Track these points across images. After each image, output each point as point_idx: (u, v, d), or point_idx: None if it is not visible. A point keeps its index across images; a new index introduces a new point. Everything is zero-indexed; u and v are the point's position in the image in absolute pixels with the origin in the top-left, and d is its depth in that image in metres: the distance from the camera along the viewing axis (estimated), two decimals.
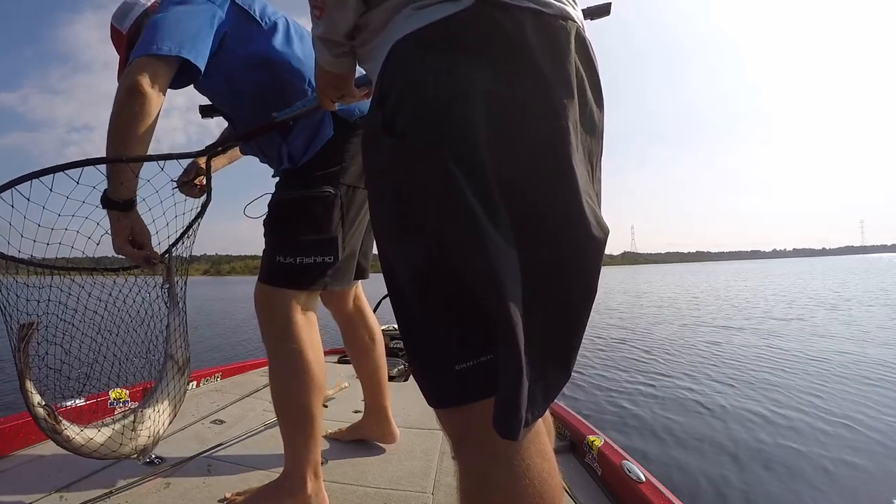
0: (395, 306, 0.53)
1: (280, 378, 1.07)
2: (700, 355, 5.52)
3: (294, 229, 1.06)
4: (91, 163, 0.91)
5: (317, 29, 0.62)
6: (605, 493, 1.20)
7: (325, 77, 0.77)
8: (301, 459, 1.05)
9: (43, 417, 0.89)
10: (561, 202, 0.48)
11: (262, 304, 1.08)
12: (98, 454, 0.95)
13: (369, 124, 0.55)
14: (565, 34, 0.51)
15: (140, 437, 1.01)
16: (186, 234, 1.08)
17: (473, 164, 0.45)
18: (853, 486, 2.29)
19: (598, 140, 0.56)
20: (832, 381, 4.19)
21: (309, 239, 1.06)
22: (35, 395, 0.90)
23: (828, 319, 8.57)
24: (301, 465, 1.05)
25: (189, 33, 0.95)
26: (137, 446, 1.00)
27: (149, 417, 1.04)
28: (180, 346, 1.13)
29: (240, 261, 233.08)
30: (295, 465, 1.05)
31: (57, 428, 0.90)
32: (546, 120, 0.48)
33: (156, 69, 0.91)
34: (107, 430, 0.98)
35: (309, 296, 1.10)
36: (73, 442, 0.92)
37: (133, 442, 0.99)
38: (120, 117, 0.90)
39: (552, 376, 0.48)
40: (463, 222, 0.45)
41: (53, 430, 0.90)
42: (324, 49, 0.65)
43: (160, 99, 0.93)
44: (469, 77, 0.47)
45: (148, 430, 1.02)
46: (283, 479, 1.07)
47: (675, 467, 2.50)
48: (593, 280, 0.50)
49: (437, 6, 0.49)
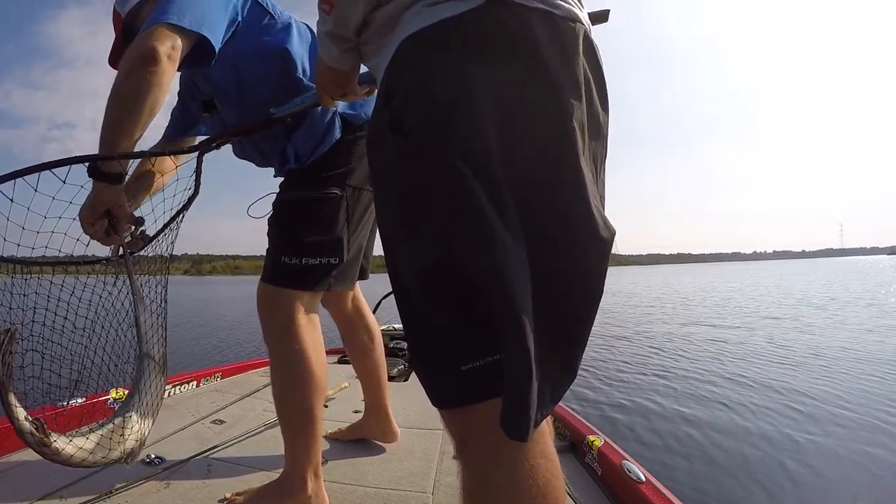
0: (400, 306, 0.53)
1: (282, 378, 1.07)
2: (698, 355, 5.52)
3: (299, 230, 1.05)
4: (79, 160, 0.85)
5: (325, 25, 0.62)
6: (605, 493, 1.20)
7: (329, 74, 0.76)
8: (302, 459, 1.04)
9: (29, 431, 0.84)
10: (569, 202, 0.48)
11: (265, 304, 1.07)
12: (88, 463, 0.91)
13: (375, 123, 0.54)
14: (573, 36, 0.51)
15: (128, 441, 0.98)
16: (169, 227, 1.03)
17: (482, 163, 0.45)
18: (854, 485, 2.29)
19: (603, 142, 0.56)
20: (832, 379, 4.19)
21: (314, 240, 1.05)
22: (20, 409, 0.85)
23: (821, 319, 8.62)
24: (302, 466, 1.04)
25: (209, 12, 0.92)
26: (125, 450, 0.97)
27: (134, 420, 1.01)
28: (156, 343, 1.09)
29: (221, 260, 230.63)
30: (295, 465, 1.05)
31: (45, 441, 0.85)
32: (554, 120, 0.48)
33: (174, 40, 0.85)
34: (94, 436, 0.95)
35: (312, 296, 1.10)
36: (63, 453, 0.87)
37: (121, 446, 0.96)
38: (127, 84, 0.83)
39: (559, 376, 0.48)
40: (472, 221, 0.44)
41: (41, 444, 0.85)
42: (331, 45, 0.65)
43: (173, 72, 0.87)
44: (478, 76, 0.47)
45: (135, 434, 1.00)
46: (284, 478, 1.07)
47: (675, 467, 2.50)
48: (600, 280, 0.50)
49: (447, 4, 0.49)
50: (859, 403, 3.49)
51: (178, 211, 1.02)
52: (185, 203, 1.02)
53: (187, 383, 2.05)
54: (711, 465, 2.51)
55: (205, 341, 7.91)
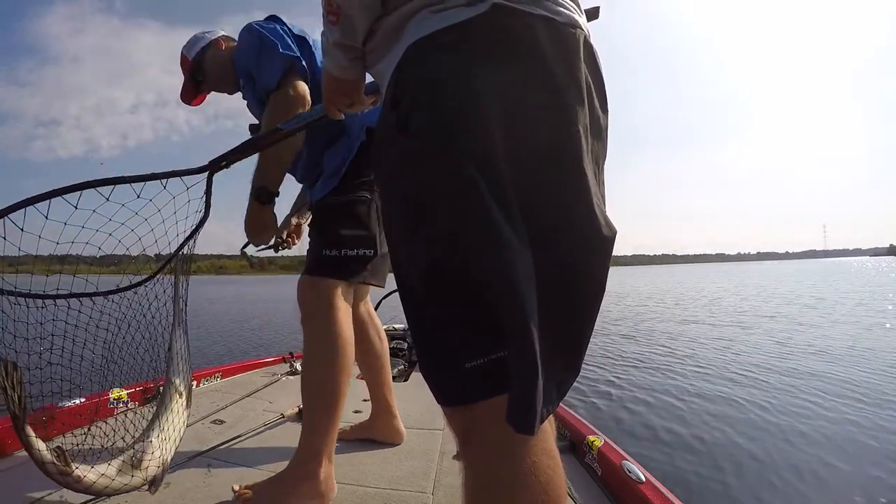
0: (405, 305, 0.54)
1: (316, 361, 1.15)
2: (698, 354, 5.52)
3: (338, 225, 1.19)
4: (93, 185, 0.86)
5: (332, 35, 0.62)
6: (605, 494, 1.20)
7: (335, 85, 0.76)
8: (321, 441, 1.10)
9: (51, 462, 0.83)
10: (572, 203, 0.49)
11: (306, 291, 1.17)
12: (110, 490, 0.90)
13: (382, 125, 0.55)
14: (574, 41, 0.53)
15: (150, 468, 0.98)
16: (181, 251, 1.05)
17: (487, 164, 0.46)
18: (854, 483, 2.29)
19: (604, 144, 0.58)
20: (831, 379, 4.19)
21: (351, 233, 1.18)
22: (38, 441, 0.84)
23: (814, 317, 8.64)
24: (320, 449, 1.10)
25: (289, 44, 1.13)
26: (148, 476, 0.97)
27: (156, 446, 1.02)
28: (182, 371, 1.14)
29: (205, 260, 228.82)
30: (313, 448, 1.10)
31: (66, 470, 0.85)
32: (558, 123, 0.49)
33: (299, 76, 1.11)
34: (116, 462, 0.94)
35: (349, 287, 1.21)
36: (85, 481, 0.86)
37: (144, 472, 0.97)
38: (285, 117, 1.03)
39: (563, 374, 0.49)
40: (477, 221, 0.45)
41: (63, 473, 0.84)
42: (339, 55, 0.65)
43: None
44: (484, 79, 0.48)
45: (156, 460, 1.00)
46: (298, 463, 1.10)
47: (675, 467, 2.50)
48: (602, 279, 0.51)
49: (454, 11, 0.51)
50: (865, 401, 3.49)
51: (188, 235, 1.02)
52: (196, 227, 1.02)
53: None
54: (711, 465, 2.51)
55: (204, 341, 7.90)
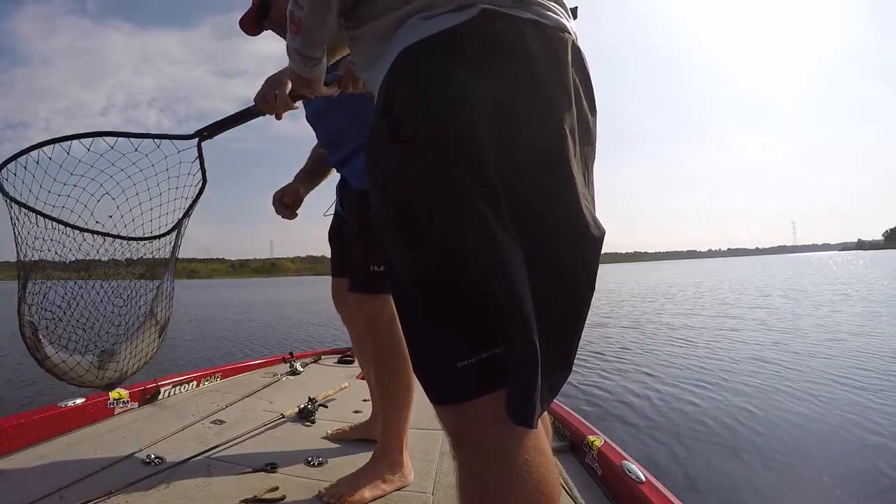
0: (398, 307, 0.54)
1: (391, 364, 1.21)
2: (696, 354, 5.52)
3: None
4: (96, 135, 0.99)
5: (293, 42, 0.67)
6: (605, 494, 1.20)
7: (297, 80, 0.83)
8: (401, 433, 1.18)
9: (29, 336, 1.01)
10: (561, 204, 0.51)
11: (365, 311, 1.22)
12: (67, 377, 1.04)
13: (373, 132, 0.56)
14: (563, 45, 0.54)
15: (108, 372, 1.11)
16: (187, 215, 1.12)
17: (479, 168, 0.47)
18: (854, 482, 2.29)
19: (592, 146, 0.59)
20: (830, 378, 4.19)
21: None
22: (25, 315, 1.01)
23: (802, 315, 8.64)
24: (400, 439, 1.18)
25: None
26: (104, 378, 1.10)
27: (121, 357, 1.14)
28: (164, 308, 1.22)
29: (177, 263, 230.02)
30: (393, 440, 1.17)
31: (38, 345, 1.02)
32: (547, 125, 0.50)
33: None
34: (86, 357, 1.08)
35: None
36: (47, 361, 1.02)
37: (102, 373, 1.09)
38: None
39: (556, 370, 0.51)
40: (470, 223, 0.46)
41: (35, 348, 1.02)
42: (298, 60, 0.71)
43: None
44: (473, 84, 0.49)
45: (118, 368, 1.12)
46: (382, 455, 1.16)
47: (676, 467, 2.50)
48: (592, 277, 0.53)
49: (443, 17, 0.51)
50: (863, 403, 3.49)
51: (190, 203, 1.09)
52: (198, 193, 1.09)
53: (187, 383, 2.04)
54: (712, 465, 2.51)
55: (204, 341, 7.90)
